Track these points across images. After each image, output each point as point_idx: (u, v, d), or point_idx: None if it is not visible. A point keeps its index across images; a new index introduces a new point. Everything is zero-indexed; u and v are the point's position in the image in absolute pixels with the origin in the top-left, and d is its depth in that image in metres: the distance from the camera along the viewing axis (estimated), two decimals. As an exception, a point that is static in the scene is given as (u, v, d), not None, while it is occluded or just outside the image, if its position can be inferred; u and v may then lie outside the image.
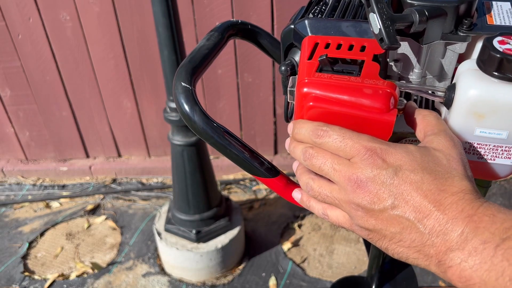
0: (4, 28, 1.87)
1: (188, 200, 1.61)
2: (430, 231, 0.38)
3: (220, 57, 1.88)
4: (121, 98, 2.04)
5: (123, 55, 1.91)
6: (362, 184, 0.40)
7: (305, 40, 0.50)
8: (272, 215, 1.97)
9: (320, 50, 0.47)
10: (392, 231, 0.40)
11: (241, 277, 1.73)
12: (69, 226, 1.99)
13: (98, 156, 2.27)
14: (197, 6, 1.76)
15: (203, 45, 0.59)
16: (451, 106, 0.45)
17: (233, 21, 0.66)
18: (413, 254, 0.39)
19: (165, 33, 1.32)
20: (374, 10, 0.43)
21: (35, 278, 1.76)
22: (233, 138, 0.51)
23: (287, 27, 0.55)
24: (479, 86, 0.42)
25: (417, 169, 0.39)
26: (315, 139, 0.43)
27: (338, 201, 0.43)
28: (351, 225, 0.44)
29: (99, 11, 1.80)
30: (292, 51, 0.56)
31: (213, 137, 0.50)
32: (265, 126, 2.08)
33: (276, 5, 1.74)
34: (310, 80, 0.44)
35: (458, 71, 0.46)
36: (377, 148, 0.40)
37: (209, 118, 0.50)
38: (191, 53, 0.57)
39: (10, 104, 2.10)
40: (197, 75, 0.54)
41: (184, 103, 0.50)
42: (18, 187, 2.25)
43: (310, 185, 0.45)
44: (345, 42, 0.48)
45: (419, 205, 0.38)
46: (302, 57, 0.48)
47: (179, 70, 0.54)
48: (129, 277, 1.74)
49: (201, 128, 0.50)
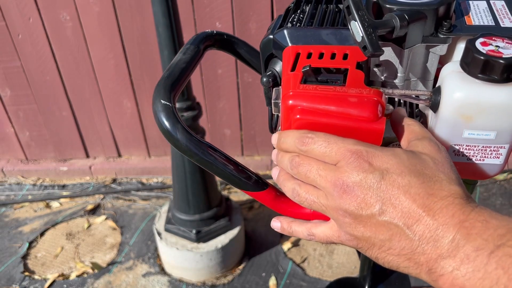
0: (4, 28, 1.87)
1: (188, 200, 1.61)
2: (420, 237, 0.36)
3: (220, 57, 1.88)
4: (121, 98, 2.04)
5: (123, 55, 1.91)
6: (349, 189, 0.39)
7: (286, 51, 0.49)
8: (272, 215, 1.96)
9: (302, 60, 0.46)
10: (381, 238, 0.38)
11: (241, 277, 1.73)
12: (69, 226, 1.99)
13: (98, 156, 2.27)
14: (197, 6, 1.76)
15: (180, 59, 0.58)
16: (438, 109, 0.45)
17: (208, 32, 0.66)
18: (404, 262, 0.38)
19: (165, 33, 1.32)
20: (355, 18, 0.42)
21: (35, 278, 1.76)
22: (218, 153, 0.50)
23: (266, 37, 0.53)
24: (464, 89, 0.42)
25: (404, 172, 0.38)
26: (300, 146, 0.42)
27: (325, 208, 0.41)
28: (339, 236, 0.42)
29: (99, 11, 1.80)
30: (272, 62, 0.54)
31: (197, 154, 0.49)
32: (265, 126, 2.08)
33: (276, 5, 1.74)
34: (295, 92, 0.43)
35: (442, 73, 0.46)
36: (362, 151, 0.39)
37: (192, 135, 0.49)
38: (168, 69, 0.56)
39: (10, 104, 2.10)
40: (176, 91, 0.53)
41: (165, 120, 0.49)
42: (18, 187, 2.25)
43: (296, 190, 0.44)
44: (327, 51, 0.47)
45: (407, 210, 0.37)
46: (285, 69, 0.47)
47: (157, 88, 0.52)
48: (129, 277, 1.75)
49: (184, 145, 0.49)
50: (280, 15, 0.58)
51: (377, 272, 0.80)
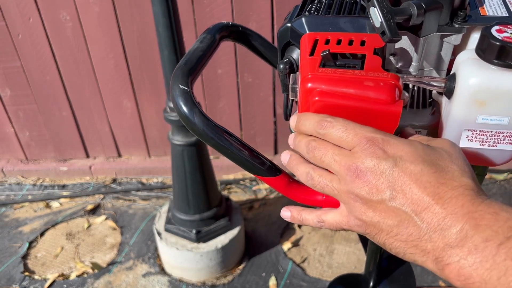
0: (4, 28, 1.87)
1: (188, 200, 1.61)
2: (427, 225, 0.37)
3: (220, 57, 1.88)
4: (121, 98, 2.04)
5: (123, 55, 1.91)
6: (361, 174, 0.40)
7: (305, 37, 0.50)
8: (272, 215, 1.97)
9: (320, 46, 0.48)
10: (389, 223, 0.39)
11: (241, 277, 1.73)
12: (69, 226, 1.99)
13: (98, 156, 2.27)
14: (197, 6, 1.76)
15: (197, 47, 0.59)
16: (453, 95, 0.46)
17: (224, 23, 0.67)
18: (410, 249, 0.39)
19: (165, 33, 1.32)
20: (375, 4, 0.43)
21: (35, 278, 1.76)
22: (234, 138, 0.51)
23: (284, 26, 0.55)
24: (480, 74, 0.43)
25: (417, 161, 0.39)
26: (319, 129, 0.43)
27: (337, 191, 0.42)
28: (349, 221, 0.43)
29: (99, 11, 1.80)
30: (289, 50, 0.56)
31: (213, 138, 0.50)
32: (265, 126, 2.08)
33: (276, 5, 1.74)
34: (314, 75, 0.44)
35: (457, 61, 0.47)
36: (378, 139, 0.40)
37: (209, 119, 0.50)
38: (186, 55, 0.57)
39: (10, 104, 2.10)
40: (194, 77, 0.54)
41: (183, 105, 0.50)
42: (18, 187, 2.25)
43: (310, 174, 0.45)
44: (344, 38, 0.49)
45: (417, 197, 0.38)
46: (303, 54, 0.48)
47: (176, 72, 0.54)
48: (129, 277, 1.74)
49: (201, 129, 0.50)
50: (297, 5, 0.60)
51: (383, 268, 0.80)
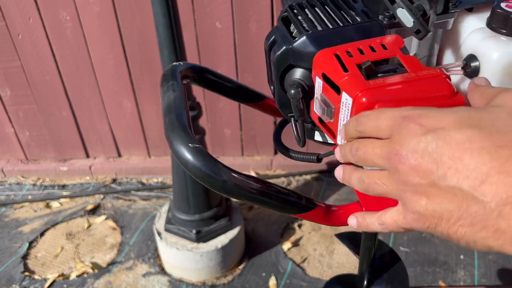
0: (4, 28, 1.87)
1: (188, 200, 1.61)
2: (493, 198, 0.30)
3: (220, 57, 1.88)
4: (121, 98, 2.04)
5: (123, 55, 1.91)
6: (403, 159, 0.35)
7: (320, 55, 0.47)
8: (272, 215, 1.97)
9: (347, 60, 0.44)
10: (447, 208, 0.33)
11: (241, 277, 1.73)
12: (69, 226, 1.99)
13: (98, 156, 2.27)
14: (197, 6, 1.76)
15: (175, 97, 0.55)
16: (478, 75, 0.49)
17: (181, 65, 0.64)
18: (480, 233, 0.32)
19: (165, 33, 1.32)
20: (402, 5, 0.45)
21: (35, 278, 1.76)
22: (267, 184, 0.47)
23: (282, 49, 0.52)
24: (502, 48, 0.47)
25: (463, 127, 0.33)
26: (357, 127, 0.40)
27: (387, 187, 0.38)
28: (405, 217, 0.38)
29: (99, 11, 1.80)
30: (290, 73, 0.53)
31: (247, 192, 0.46)
32: (265, 126, 2.08)
33: (276, 5, 1.74)
34: (368, 90, 0.41)
35: (471, 41, 0.50)
36: (414, 115, 0.35)
37: (236, 172, 0.46)
38: (169, 110, 0.52)
39: (10, 104, 2.10)
40: (190, 127, 0.50)
41: (204, 165, 0.45)
42: (18, 187, 2.25)
43: (362, 179, 0.41)
44: (363, 46, 0.46)
45: (472, 168, 0.31)
46: (332, 73, 0.45)
47: (175, 133, 0.48)
48: (129, 277, 1.74)
49: (232, 185, 0.45)
50: (275, 27, 0.56)
51: (376, 268, 0.81)
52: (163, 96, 0.56)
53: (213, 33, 1.82)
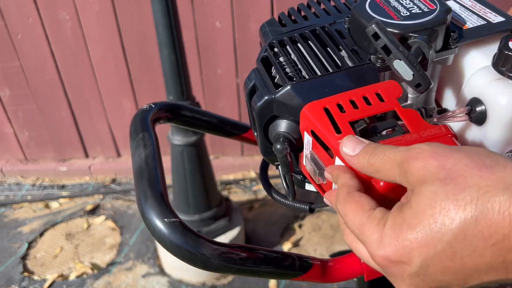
0: (4, 28, 1.86)
1: (188, 200, 1.60)
2: None
3: (220, 57, 1.87)
4: (121, 98, 2.03)
5: (122, 54, 1.90)
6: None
7: (307, 110, 0.41)
8: (272, 215, 1.97)
9: (338, 116, 0.39)
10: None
11: (241, 278, 1.72)
12: (69, 227, 1.99)
13: (97, 156, 2.27)
14: (196, 6, 1.76)
15: (147, 156, 0.48)
16: (485, 120, 0.44)
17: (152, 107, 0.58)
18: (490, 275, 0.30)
19: (165, 33, 1.32)
20: (400, 56, 0.40)
21: (35, 278, 1.76)
22: (256, 251, 0.43)
23: (263, 100, 0.46)
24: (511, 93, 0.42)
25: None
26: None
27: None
28: None
29: (98, 11, 1.79)
30: (275, 124, 0.47)
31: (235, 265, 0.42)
32: (265, 126, 2.07)
33: (276, 5, 1.73)
34: None
35: (476, 84, 0.45)
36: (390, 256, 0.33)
37: (220, 244, 0.42)
38: (140, 175, 0.46)
39: (10, 104, 2.09)
40: (166, 195, 0.44)
41: (185, 242, 0.40)
42: (17, 187, 2.24)
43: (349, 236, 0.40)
44: (356, 97, 0.41)
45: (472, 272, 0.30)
46: (322, 132, 0.40)
47: (147, 206, 0.42)
48: (128, 277, 1.74)
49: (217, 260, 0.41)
50: (254, 69, 0.51)
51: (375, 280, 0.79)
52: (133, 153, 0.49)
53: (212, 33, 1.81)
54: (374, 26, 0.41)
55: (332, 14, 0.55)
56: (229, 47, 1.84)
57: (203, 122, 0.67)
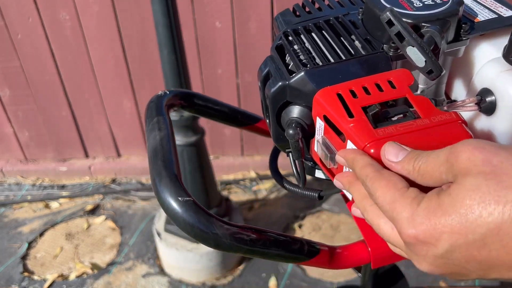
0: (4, 28, 1.86)
1: (188, 200, 1.60)
2: None
3: (220, 57, 1.87)
4: (121, 98, 2.03)
5: (122, 54, 1.90)
6: None
7: (320, 95, 0.42)
8: (272, 215, 1.97)
9: (351, 102, 0.40)
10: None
11: (241, 278, 1.72)
12: (69, 227, 1.99)
13: (97, 156, 2.27)
14: (196, 6, 1.76)
15: (162, 138, 0.50)
16: (495, 110, 0.44)
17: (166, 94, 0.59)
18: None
19: (165, 33, 1.32)
20: (412, 43, 0.40)
21: (35, 278, 1.76)
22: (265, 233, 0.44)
23: (277, 85, 0.47)
24: None
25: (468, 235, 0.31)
26: None
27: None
28: None
29: (98, 11, 1.80)
30: (288, 110, 0.48)
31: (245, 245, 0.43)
32: (265, 126, 2.07)
33: (276, 5, 1.73)
34: (376, 143, 0.37)
35: (487, 75, 0.46)
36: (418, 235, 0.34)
37: (232, 224, 0.43)
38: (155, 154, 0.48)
39: (9, 104, 2.09)
40: (180, 176, 0.46)
41: (197, 220, 0.41)
42: (17, 187, 2.24)
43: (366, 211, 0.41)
44: (368, 84, 0.42)
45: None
46: (334, 116, 0.40)
47: (162, 185, 0.44)
48: (128, 277, 1.74)
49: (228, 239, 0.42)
50: (270, 56, 0.51)
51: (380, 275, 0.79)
52: (148, 136, 0.51)
53: (213, 33, 1.81)
54: (389, 13, 0.42)
55: (346, 5, 0.57)
56: (229, 47, 1.84)
57: (215, 111, 0.69)
